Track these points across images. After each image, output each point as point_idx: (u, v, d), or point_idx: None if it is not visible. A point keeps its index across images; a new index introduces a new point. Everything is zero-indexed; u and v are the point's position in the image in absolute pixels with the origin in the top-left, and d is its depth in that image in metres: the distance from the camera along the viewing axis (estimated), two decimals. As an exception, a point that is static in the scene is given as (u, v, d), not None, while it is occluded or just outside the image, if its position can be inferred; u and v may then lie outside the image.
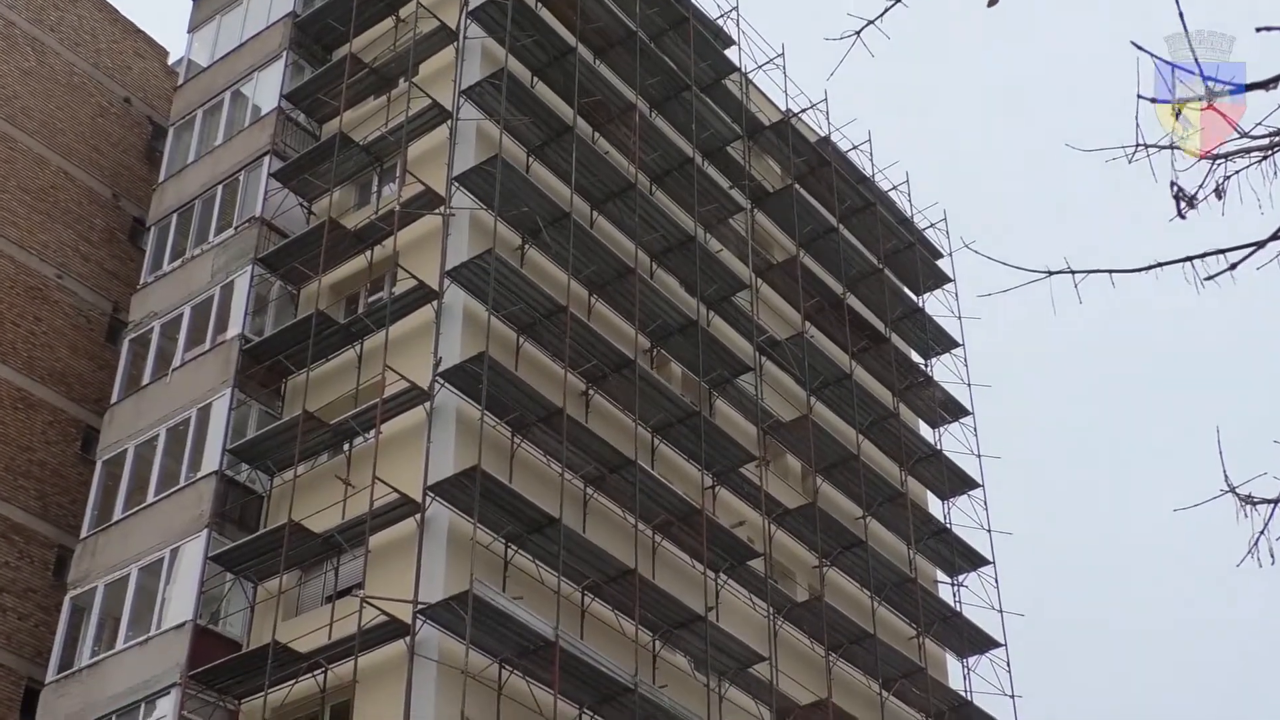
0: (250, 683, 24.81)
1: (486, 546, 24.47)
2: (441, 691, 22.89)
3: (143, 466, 29.25)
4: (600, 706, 24.89)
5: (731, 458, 30.04)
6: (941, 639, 34.52)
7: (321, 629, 24.63)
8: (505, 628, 23.40)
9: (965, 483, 36.96)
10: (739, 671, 27.94)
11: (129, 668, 26.26)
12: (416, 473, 24.84)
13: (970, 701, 33.54)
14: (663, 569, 27.86)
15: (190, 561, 26.69)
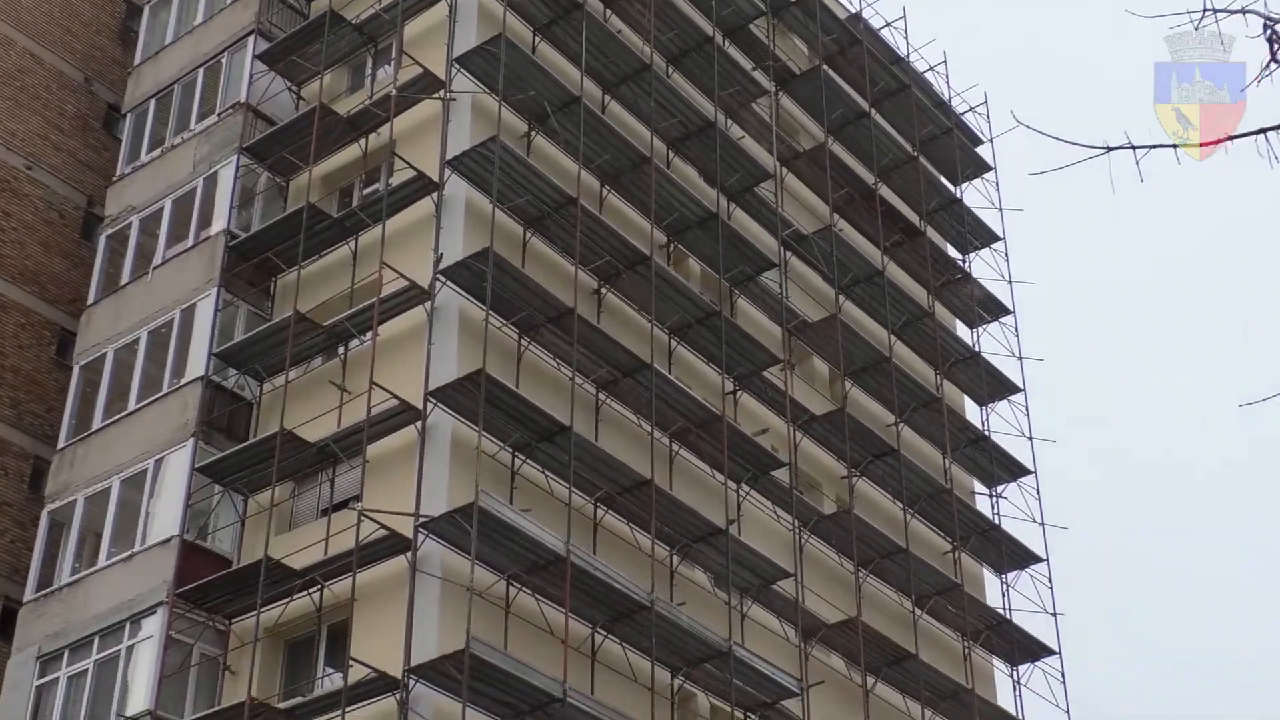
0: (241, 601, 25.02)
1: (492, 456, 24.54)
2: (445, 610, 23.06)
3: (123, 372, 29.30)
4: (614, 625, 25.08)
5: (754, 360, 30.01)
6: (979, 554, 34.68)
7: (317, 544, 24.79)
8: (513, 542, 23.53)
9: (1005, 387, 36.93)
10: (762, 589, 28.12)
11: (112, 586, 26.49)
12: (417, 377, 24.86)
13: (1009, 619, 33.75)
14: (680, 480, 27.95)
15: (175, 473, 26.82)
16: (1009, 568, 34.98)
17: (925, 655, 30.50)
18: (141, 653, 25.31)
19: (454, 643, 22.14)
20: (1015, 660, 33.92)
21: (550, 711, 22.89)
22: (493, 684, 22.38)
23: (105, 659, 25.79)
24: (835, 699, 29.11)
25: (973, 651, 32.64)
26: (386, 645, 22.85)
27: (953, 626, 32.84)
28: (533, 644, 23.60)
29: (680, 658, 25.98)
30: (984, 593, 34.95)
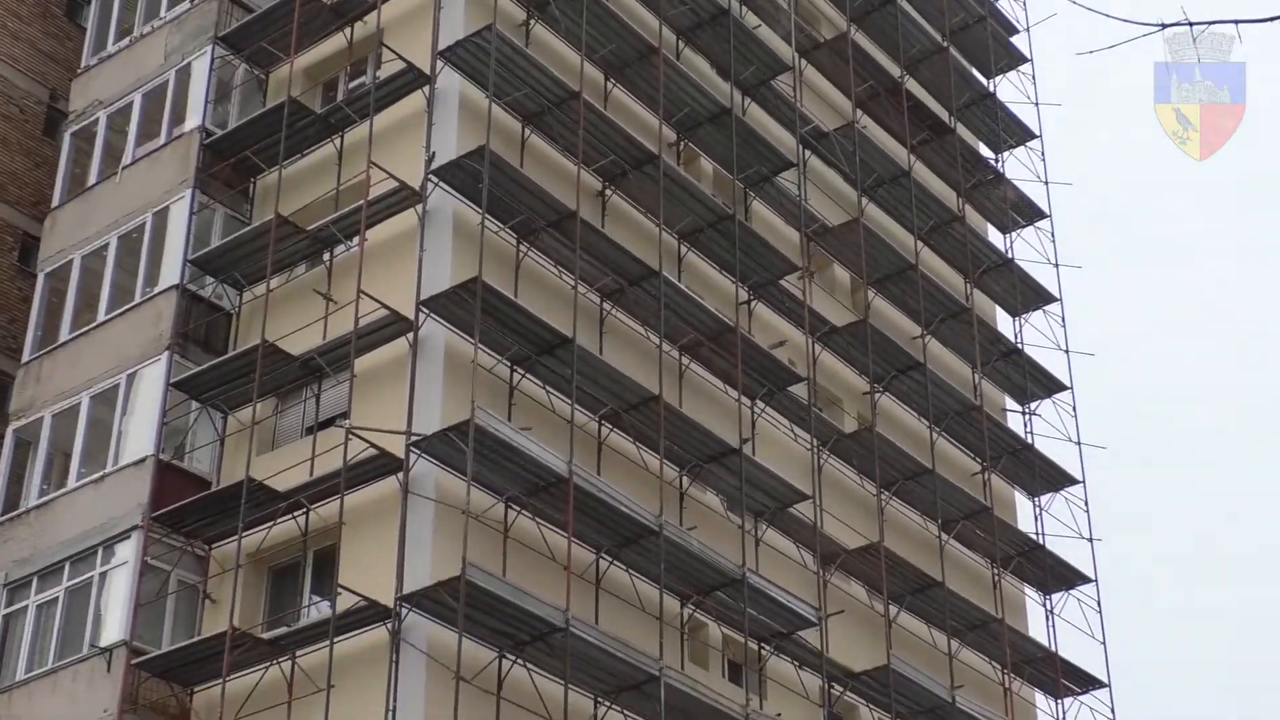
0: (222, 525, 25.18)
1: (489, 370, 24.58)
2: (439, 534, 23.20)
3: (91, 280, 29.30)
4: (620, 550, 25.23)
5: (770, 268, 29.97)
6: (1010, 475, 34.80)
7: (302, 464, 24.90)
8: (511, 462, 23.62)
9: (1040, 296, 36.90)
10: (778, 512, 28.25)
11: (83, 509, 26.65)
12: (408, 286, 24.84)
13: (1042, 545, 33.93)
14: (691, 396, 28.00)
15: (149, 389, 26.89)
16: (1042, 490, 35.12)
17: (952, 583, 30.68)
18: (115, 580, 25.50)
19: (449, 569, 22.29)
20: (1048, 588, 34.13)
21: (552, 642, 23.07)
22: (491, 613, 22.55)
23: (77, 586, 25.98)
24: (855, 629, 29.33)
25: (1003, 579, 32.83)
26: (377, 572, 23.00)
27: (981, 552, 33.01)
28: (533, 571, 23.75)
29: (690, 585, 26.15)
30: (1015, 517, 35.11)
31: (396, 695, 22.05)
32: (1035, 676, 32.92)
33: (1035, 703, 33.55)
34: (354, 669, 22.78)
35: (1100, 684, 33.49)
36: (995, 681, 31.69)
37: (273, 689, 23.36)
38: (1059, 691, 33.01)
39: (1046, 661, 32.64)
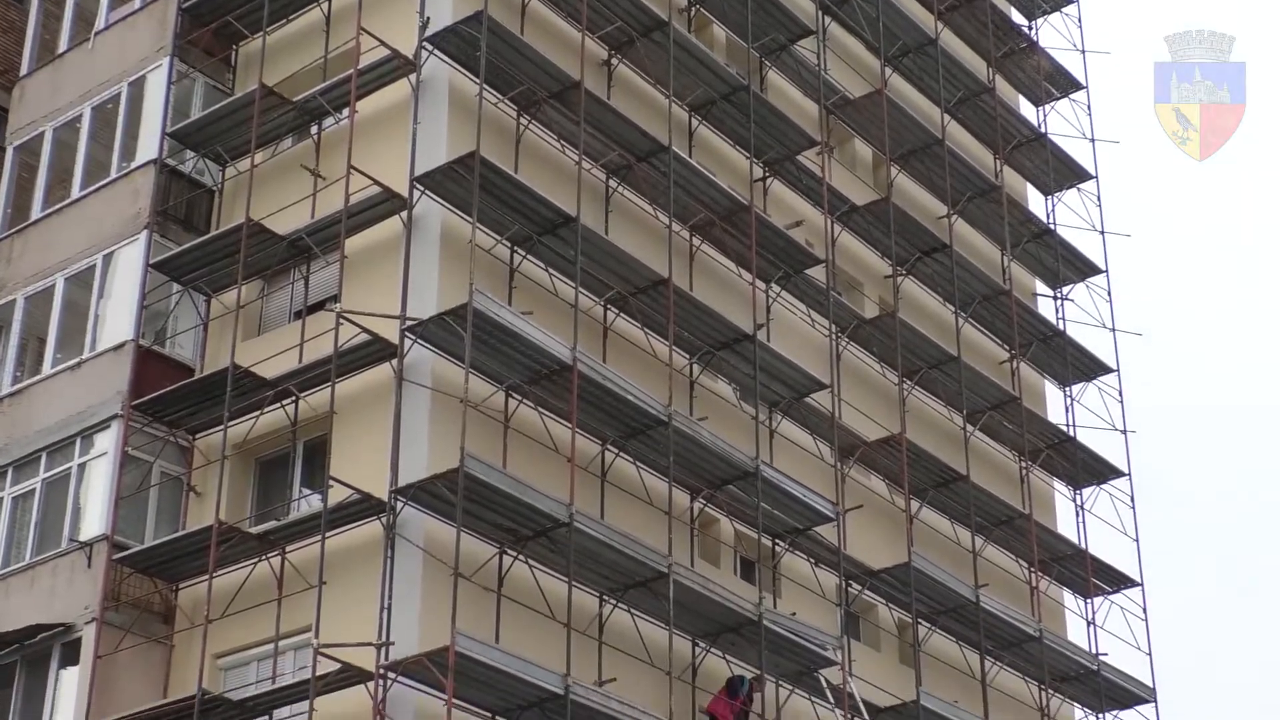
0: (206, 414, 25.37)
1: (488, 251, 24.64)
2: (436, 424, 23.38)
3: (64, 154, 29.30)
4: (626, 442, 25.43)
5: (787, 143, 29.92)
6: (1040, 363, 34.94)
7: (290, 350, 25.04)
8: (512, 348, 23.75)
9: (1075, 173, 36.84)
10: (794, 402, 28.42)
11: (60, 397, 26.84)
12: (401, 161, 24.84)
13: (1073, 437, 34.13)
14: (702, 279, 28.07)
15: (128, 270, 26.98)
16: (1074, 379, 35.29)
17: (976, 477, 30.92)
18: (95, 471, 25.74)
19: (446, 461, 22.49)
20: (1079, 483, 34.39)
21: (555, 537, 23.33)
22: (491, 506, 22.78)
23: (54, 478, 26.23)
24: (875, 525, 29.61)
25: (1030, 473, 33.06)
26: (370, 464, 23.21)
27: (1008, 445, 33.22)
28: (535, 463, 23.96)
29: (701, 479, 26.37)
30: (1045, 407, 35.30)
31: (391, 593, 22.32)
32: (1064, 575, 33.26)
33: (1063, 602, 33.92)
34: (347, 565, 23.06)
35: (1133, 583, 33.85)
36: (1021, 580, 32.04)
37: (261, 586, 23.66)
38: (1089, 590, 33.37)
39: (1076, 559, 32.96)
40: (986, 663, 29.63)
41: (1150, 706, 32.96)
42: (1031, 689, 31.17)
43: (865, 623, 29.77)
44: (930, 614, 29.40)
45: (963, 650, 30.11)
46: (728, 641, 25.68)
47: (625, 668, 24.19)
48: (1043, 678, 30.83)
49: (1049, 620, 31.89)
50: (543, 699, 22.26)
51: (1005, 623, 30.01)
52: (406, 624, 22.17)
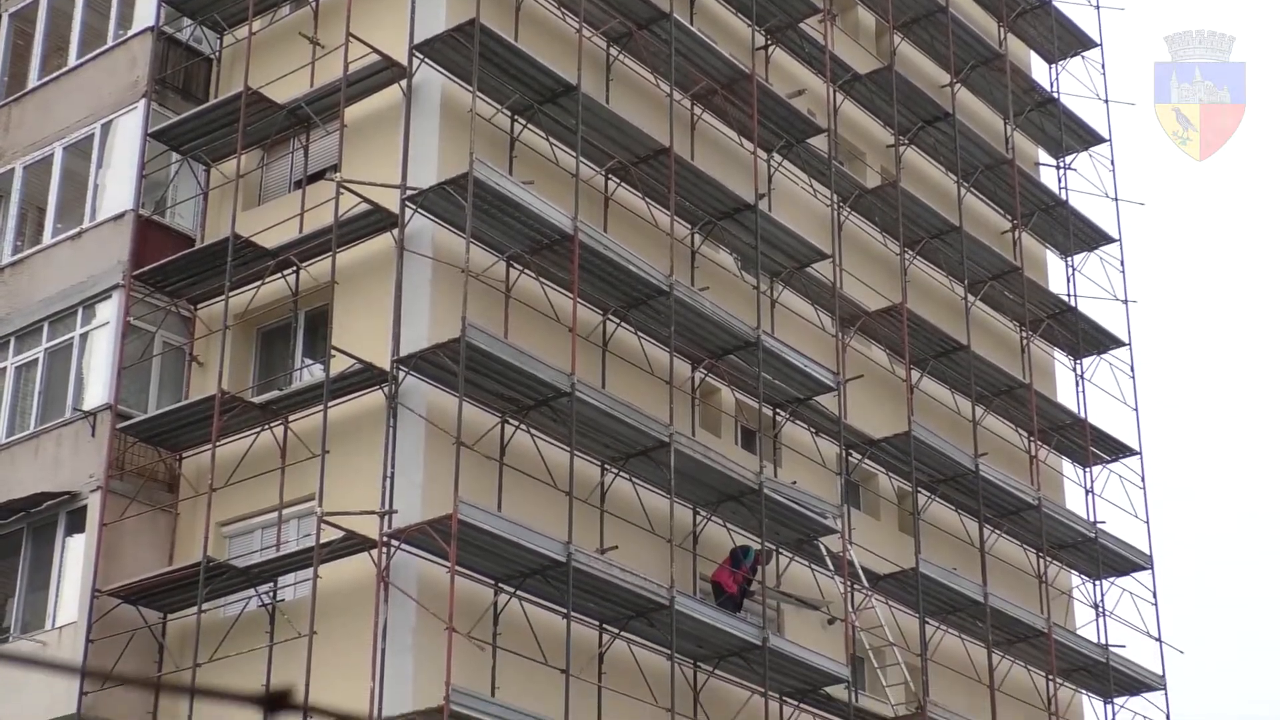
0: (207, 284, 25.43)
1: (488, 120, 24.57)
2: (437, 294, 23.46)
3: (60, 21, 29.11)
4: (627, 312, 25.51)
5: (789, 10, 29.71)
6: (1042, 233, 34.94)
7: (290, 220, 25.06)
8: (513, 218, 23.76)
9: (1079, 41, 36.61)
10: (795, 272, 28.47)
11: (60, 267, 26.88)
12: (400, 29, 24.70)
13: (1074, 307, 34.20)
14: (704, 148, 28.01)
15: (126, 139, 26.92)
16: (1076, 249, 35.30)
17: (977, 346, 31.03)
18: (97, 341, 25.85)
19: (448, 330, 22.59)
20: (1079, 352, 34.51)
21: (556, 407, 23.48)
22: (492, 376, 22.91)
23: (57, 348, 26.35)
24: (875, 394, 29.77)
25: (1031, 342, 33.18)
26: (372, 334, 23.32)
27: (1009, 315, 33.31)
28: (537, 333, 24.07)
29: (702, 348, 26.49)
30: (1046, 277, 35.35)
31: (394, 462, 22.51)
32: (1063, 444, 33.48)
33: (1062, 471, 34.17)
34: (349, 434, 23.24)
35: (1131, 451, 34.07)
36: (1021, 449, 32.27)
37: (265, 454, 23.86)
38: (1088, 459, 33.59)
39: (1075, 428, 33.16)
40: (985, 531, 29.91)
41: (1147, 574, 33.30)
42: (1030, 556, 31.49)
43: (865, 491, 30.02)
44: (930, 482, 29.64)
45: (962, 518, 30.39)
46: (728, 510, 25.92)
47: (626, 536, 24.45)
48: (1041, 545, 31.13)
49: (1048, 489, 32.15)
50: (545, 566, 22.51)
51: (1004, 491, 30.27)
52: (409, 492, 22.39)
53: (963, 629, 29.33)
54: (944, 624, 28.93)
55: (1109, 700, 32.02)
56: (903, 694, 28.04)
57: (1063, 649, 30.42)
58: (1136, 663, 32.10)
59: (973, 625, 29.25)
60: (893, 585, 28.19)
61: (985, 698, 28.45)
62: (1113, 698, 31.97)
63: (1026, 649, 30.24)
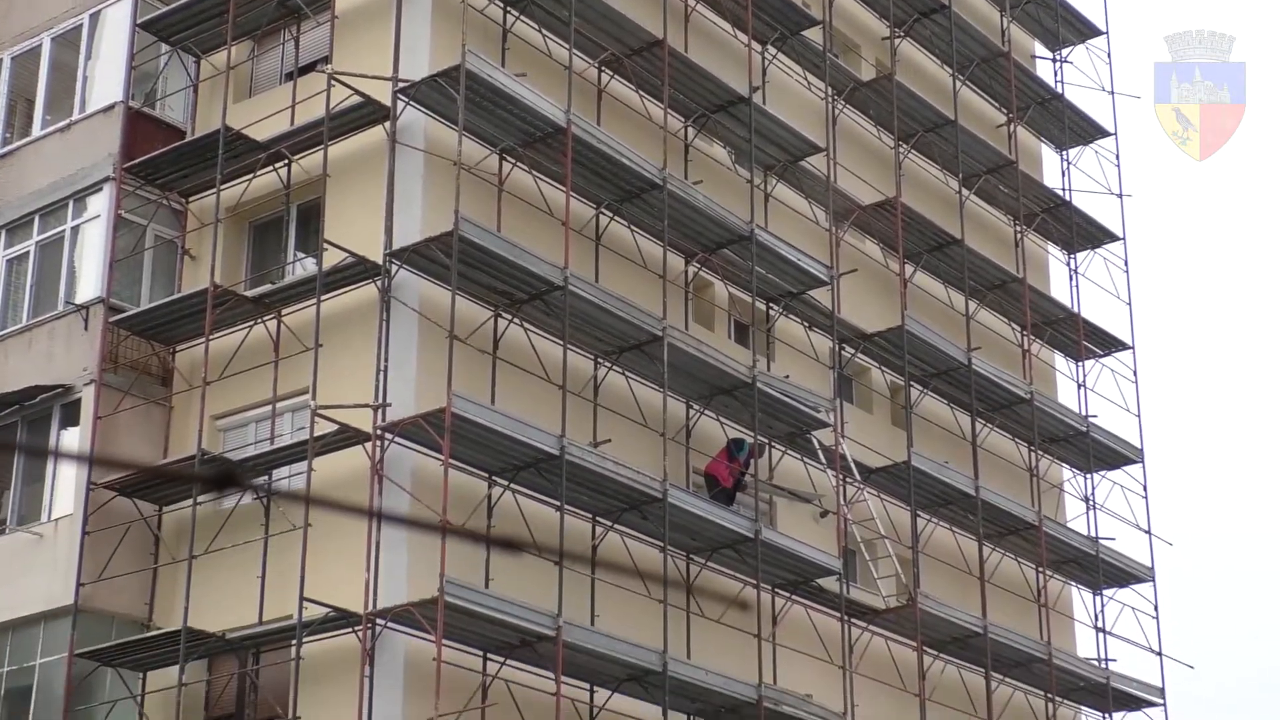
0: (198, 177, 25.34)
1: (480, 11, 24.40)
2: (430, 188, 23.39)
3: (46, -91, 28.81)
4: (621, 206, 25.45)
5: (785, -100, 29.45)
6: (1037, 127, 34.81)
7: (282, 112, 24.93)
8: (505, 110, 23.65)
9: (1077, -68, 36.28)
10: (789, 165, 28.38)
11: (50, 159, 26.78)
12: (391, -82, 24.46)
13: (1069, 201, 34.14)
14: (698, 40, 27.82)
15: (115, 30, 26.71)
16: (1071, 143, 35.18)
17: (971, 241, 31.00)
18: (88, 234, 25.79)
19: (441, 224, 22.55)
20: (1073, 246, 34.49)
21: (549, 300, 23.48)
22: (485, 269, 22.89)
23: (48, 241, 26.30)
24: (868, 289, 29.78)
25: (1025, 237, 33.16)
26: (364, 227, 23.27)
27: (1004, 209, 33.26)
28: (530, 226, 24.02)
29: (695, 242, 26.45)
30: (1041, 171, 35.26)
31: (388, 355, 22.55)
32: (1056, 338, 33.53)
33: (1055, 365, 34.25)
34: (342, 328, 23.25)
35: (1124, 346, 34.15)
36: (1013, 344, 32.31)
37: (258, 348, 23.88)
38: (1080, 353, 33.66)
39: (1068, 322, 33.21)
40: (977, 425, 30.02)
41: (1138, 467, 33.47)
42: (1021, 450, 31.63)
43: (858, 385, 30.10)
44: (922, 377, 29.71)
45: (954, 412, 30.49)
46: (721, 404, 26.00)
47: (620, 430, 24.53)
48: (1032, 439, 31.26)
49: (1040, 383, 32.23)
50: (538, 459, 22.61)
51: (996, 385, 30.35)
52: (403, 386, 22.44)
53: (954, 522, 29.52)
54: (935, 517, 29.11)
55: (1098, 592, 32.27)
56: (894, 586, 28.25)
57: (1053, 541, 30.63)
58: (1126, 555, 32.34)
59: (964, 518, 29.44)
60: (884, 478, 28.33)
61: (975, 590, 28.67)
62: (1102, 589, 32.23)
63: (1017, 541, 30.45)
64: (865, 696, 26.84)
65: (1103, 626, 32.04)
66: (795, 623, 26.22)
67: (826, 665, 26.25)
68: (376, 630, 21.50)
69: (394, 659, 21.60)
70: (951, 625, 27.80)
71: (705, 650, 24.56)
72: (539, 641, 21.91)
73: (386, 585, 21.61)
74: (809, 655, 26.04)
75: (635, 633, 23.18)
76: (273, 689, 22.65)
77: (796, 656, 25.87)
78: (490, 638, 21.99)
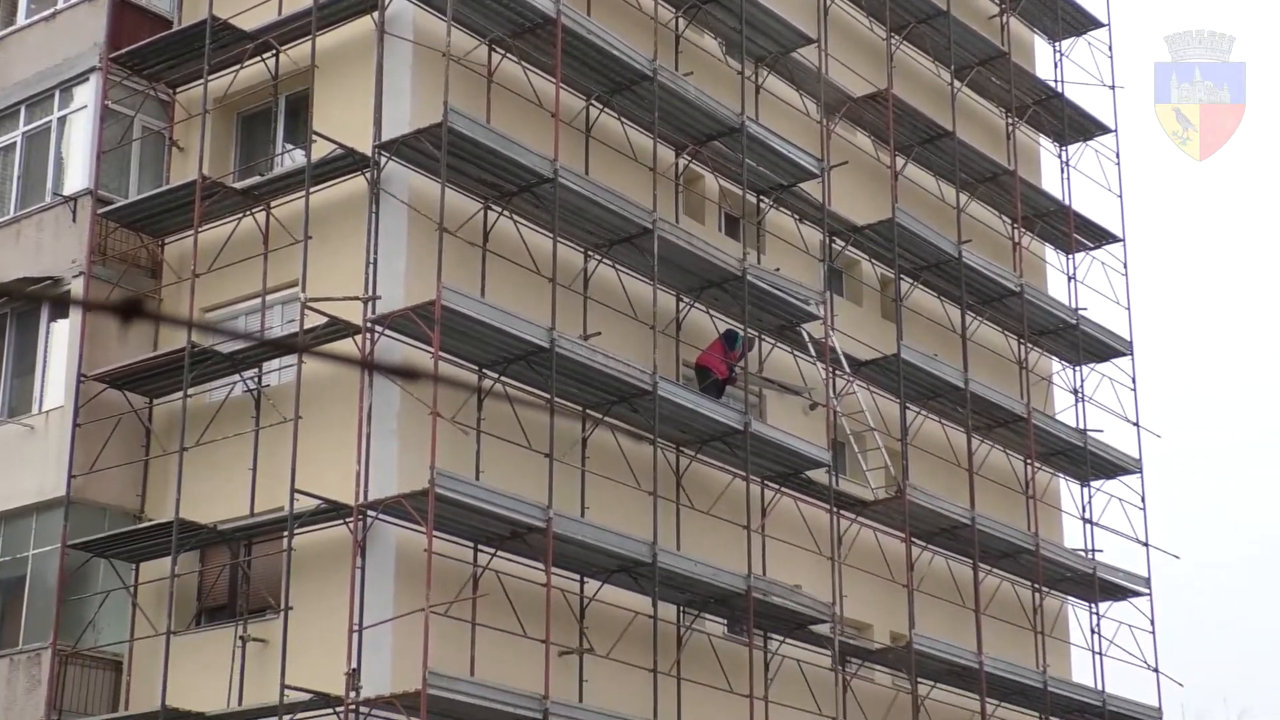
0: (185, 68, 25.14)
1: (469, -101, 24.10)
2: (419, 79, 23.23)
3: None
4: (611, 98, 25.28)
5: None
6: (1030, 17, 34.54)
7: (269, 2, 24.68)
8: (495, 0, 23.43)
9: None
10: (780, 57, 28.18)
11: (35, 48, 26.54)
12: None
13: (1061, 94, 33.95)
14: (688, -71, 27.55)
15: (100, -83, 26.36)
16: (1064, 34, 34.95)
17: (963, 133, 30.86)
18: (75, 125, 25.62)
19: (430, 115, 22.40)
20: (1065, 139, 34.35)
21: (539, 193, 23.39)
22: (475, 161, 22.77)
23: (34, 131, 26.12)
24: (859, 181, 29.68)
25: (1017, 129, 33.00)
26: (353, 118, 23.12)
27: (996, 101, 33.09)
28: (519, 118, 23.87)
29: (686, 134, 26.32)
30: (1034, 63, 35.03)
31: (377, 248, 22.48)
32: (1046, 231, 33.48)
33: (1045, 258, 34.22)
34: (332, 220, 23.17)
35: (1114, 238, 34.12)
36: (1004, 236, 32.27)
37: (247, 240, 23.80)
38: (1071, 246, 33.63)
39: (1059, 215, 33.14)
40: (967, 317, 30.03)
41: (1127, 360, 33.52)
42: (1011, 343, 31.67)
43: (848, 278, 30.08)
44: (912, 269, 29.68)
45: (944, 305, 30.49)
46: (711, 296, 25.98)
47: (610, 322, 24.52)
48: (1022, 331, 31.29)
49: (1030, 275, 32.21)
50: (528, 352, 22.61)
51: (986, 277, 30.33)
52: (392, 279, 22.39)
53: (943, 414, 29.60)
54: (924, 409, 29.19)
55: (1086, 483, 32.44)
56: (882, 478, 28.38)
57: (1041, 433, 30.74)
58: (1113, 447, 32.48)
59: (953, 410, 29.52)
60: (874, 371, 28.38)
61: (964, 482, 28.82)
62: (1089, 481, 32.39)
63: (1005, 434, 30.57)
64: (854, 587, 27.05)
65: (1090, 518, 32.26)
66: (784, 515, 26.35)
67: (815, 556, 26.42)
68: (367, 522, 21.59)
69: (385, 551, 21.70)
70: (940, 517, 27.97)
71: (695, 542, 24.70)
72: (529, 533, 22.02)
73: (377, 477, 21.68)
74: (798, 547, 26.20)
75: (625, 525, 23.30)
76: (265, 580, 22.78)
77: (785, 548, 26.02)
78: (481, 529, 22.09)
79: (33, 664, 23.43)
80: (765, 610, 24.83)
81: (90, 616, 23.73)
